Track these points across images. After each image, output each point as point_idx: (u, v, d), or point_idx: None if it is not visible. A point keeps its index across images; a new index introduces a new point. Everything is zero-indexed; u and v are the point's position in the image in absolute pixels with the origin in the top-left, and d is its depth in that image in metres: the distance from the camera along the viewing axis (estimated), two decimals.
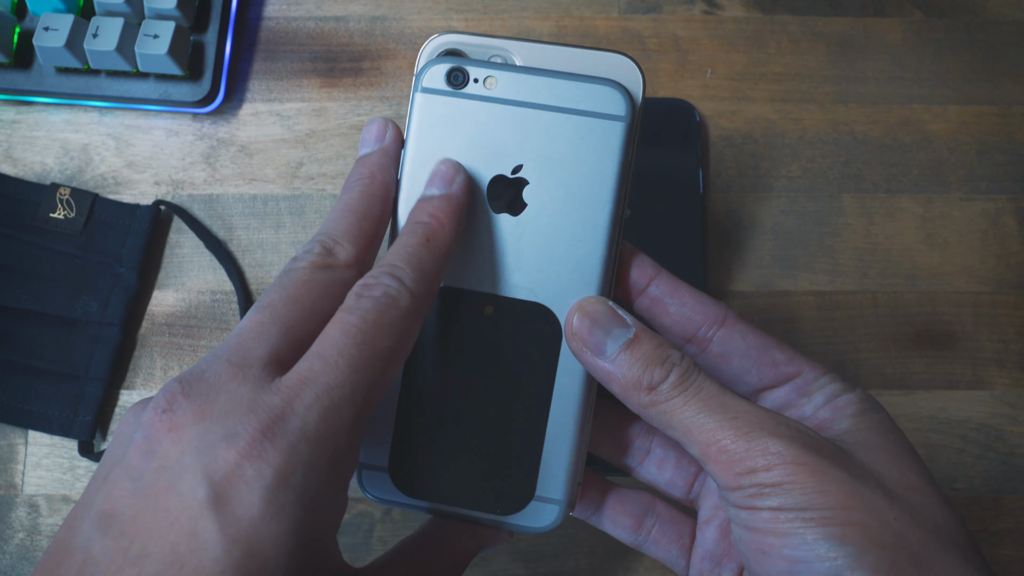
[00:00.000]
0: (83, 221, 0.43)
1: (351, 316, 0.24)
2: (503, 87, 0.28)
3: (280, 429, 0.21)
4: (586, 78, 0.28)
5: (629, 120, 0.28)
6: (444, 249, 0.26)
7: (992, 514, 0.41)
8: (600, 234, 0.28)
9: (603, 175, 0.28)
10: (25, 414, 0.41)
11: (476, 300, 0.29)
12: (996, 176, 0.45)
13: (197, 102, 0.44)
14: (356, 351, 0.23)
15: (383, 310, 0.24)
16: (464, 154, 0.28)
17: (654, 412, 0.26)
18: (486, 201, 0.28)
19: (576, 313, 0.27)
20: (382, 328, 0.23)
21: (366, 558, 0.41)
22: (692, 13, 0.47)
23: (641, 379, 0.26)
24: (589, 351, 0.27)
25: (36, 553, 0.40)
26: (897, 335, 0.43)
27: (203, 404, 0.22)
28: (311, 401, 0.22)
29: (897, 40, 0.47)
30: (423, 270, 0.25)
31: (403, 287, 0.24)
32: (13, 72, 0.44)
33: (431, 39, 0.30)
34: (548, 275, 0.28)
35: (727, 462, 0.24)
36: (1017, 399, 0.43)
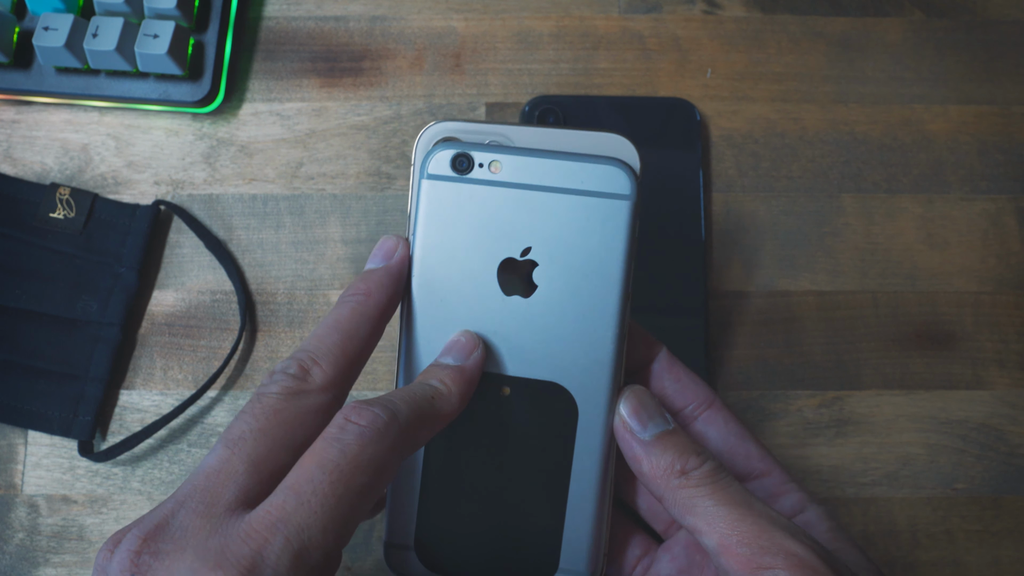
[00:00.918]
0: (83, 221, 0.43)
1: (331, 449, 0.23)
2: (508, 170, 0.29)
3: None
4: (590, 158, 0.29)
5: (634, 198, 0.29)
6: (443, 417, 0.27)
7: (992, 514, 0.41)
8: (611, 312, 0.29)
9: (611, 254, 0.29)
10: (25, 414, 0.41)
11: (493, 381, 0.29)
12: (996, 176, 0.45)
13: (197, 102, 0.44)
14: (330, 489, 0.23)
15: (365, 444, 0.23)
16: (473, 238, 0.29)
17: (681, 496, 0.27)
18: (497, 284, 0.29)
19: (625, 395, 0.29)
20: (360, 464, 0.23)
21: (366, 558, 0.41)
22: (692, 13, 0.47)
23: (675, 463, 0.27)
24: (630, 432, 0.28)
25: (36, 553, 0.40)
26: (897, 335, 0.43)
27: (171, 563, 0.22)
28: (281, 546, 0.22)
29: (897, 40, 0.47)
30: (420, 417, 0.25)
31: (395, 422, 0.24)
32: (13, 72, 0.44)
33: (427, 128, 0.31)
34: (562, 354, 0.29)
35: (745, 555, 0.25)
36: (1017, 399, 0.43)
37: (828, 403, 0.42)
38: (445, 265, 0.29)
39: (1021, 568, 0.41)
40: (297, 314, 0.43)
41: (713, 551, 0.26)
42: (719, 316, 0.43)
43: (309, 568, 0.22)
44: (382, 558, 0.41)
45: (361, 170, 0.45)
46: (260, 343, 0.43)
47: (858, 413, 0.42)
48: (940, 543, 0.41)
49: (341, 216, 0.44)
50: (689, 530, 0.27)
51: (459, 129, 0.31)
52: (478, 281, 0.29)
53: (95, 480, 0.41)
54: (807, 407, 0.42)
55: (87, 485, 0.41)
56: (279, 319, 0.43)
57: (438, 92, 0.45)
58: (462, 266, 0.29)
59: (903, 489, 0.42)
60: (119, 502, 0.41)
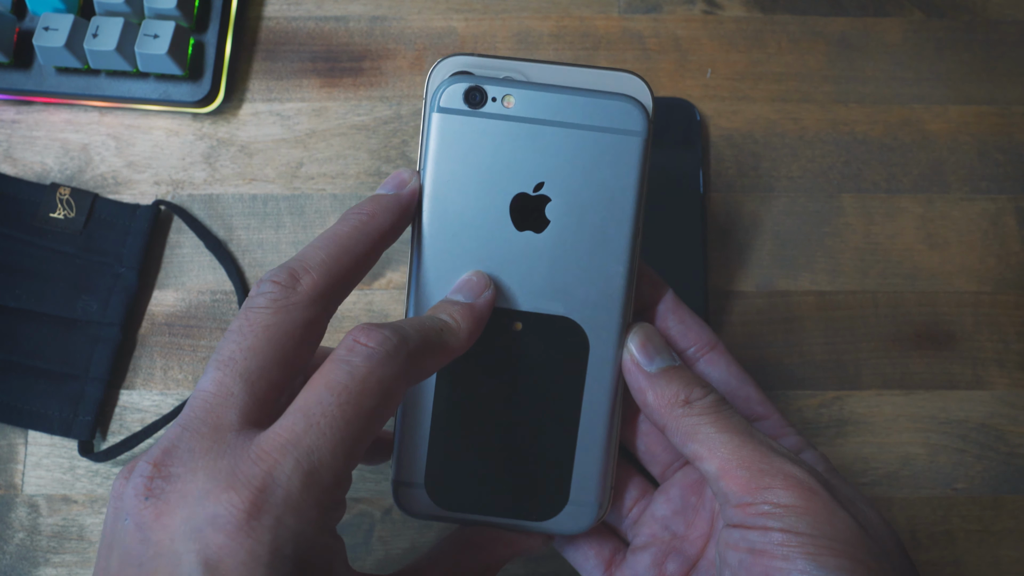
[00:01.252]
0: (83, 221, 0.43)
1: (339, 371, 0.23)
2: (521, 105, 0.29)
3: (265, 503, 0.21)
4: (604, 94, 0.29)
5: (646, 135, 0.29)
6: (451, 350, 0.27)
7: (992, 514, 0.41)
8: (622, 247, 0.29)
9: (623, 190, 0.29)
10: (25, 414, 0.41)
11: (504, 317, 0.29)
12: (996, 176, 0.45)
13: (197, 102, 0.44)
14: (339, 411, 0.23)
15: (373, 367, 0.23)
16: (485, 173, 0.29)
17: (684, 424, 0.27)
18: (509, 219, 0.29)
19: (633, 330, 0.29)
20: (369, 387, 0.23)
21: (366, 558, 0.41)
22: (692, 13, 0.47)
23: (679, 393, 0.28)
24: (637, 365, 0.29)
25: (36, 553, 0.40)
26: (897, 335, 0.43)
27: (183, 486, 0.22)
28: (292, 468, 0.22)
29: (897, 40, 0.47)
30: (429, 346, 0.25)
31: (404, 346, 0.24)
32: (13, 72, 0.44)
33: (440, 61, 0.30)
34: (573, 289, 0.29)
35: (745, 477, 0.25)
36: (1017, 399, 0.43)
37: (828, 403, 0.42)
38: (457, 199, 0.29)
39: (1021, 568, 0.41)
40: None
41: (712, 475, 0.26)
42: (719, 316, 0.43)
43: (320, 488, 0.22)
44: (382, 558, 0.41)
45: (361, 170, 0.45)
46: None
47: (858, 413, 0.42)
48: (940, 543, 0.41)
49: None
50: (689, 457, 0.27)
51: (472, 63, 0.30)
52: (490, 215, 0.29)
53: (95, 480, 0.41)
54: (807, 407, 0.42)
55: (87, 485, 0.41)
56: None
57: None
58: (474, 200, 0.29)
59: (903, 489, 0.42)
60: None
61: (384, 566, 0.41)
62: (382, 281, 0.44)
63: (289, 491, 0.22)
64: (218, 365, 0.24)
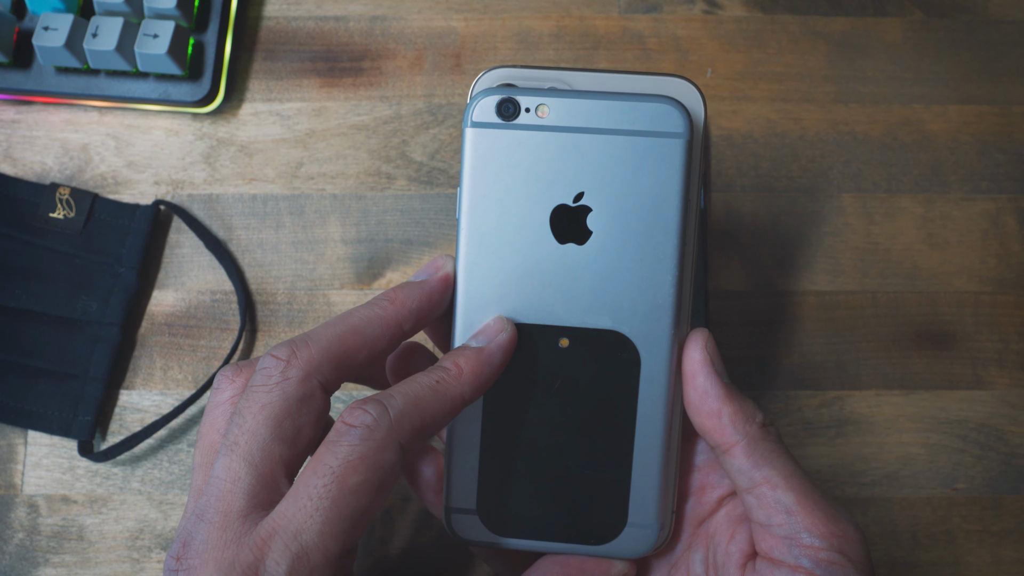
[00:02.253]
0: (83, 221, 0.43)
1: (325, 453, 0.24)
2: (556, 114, 0.28)
3: None
4: (639, 96, 0.28)
5: (688, 136, 0.28)
6: (450, 399, 0.26)
7: (992, 514, 0.41)
8: (670, 255, 0.28)
9: (667, 195, 0.28)
10: (25, 414, 0.41)
11: (550, 334, 0.28)
12: (996, 176, 0.45)
13: (197, 102, 0.44)
14: (324, 491, 0.23)
15: (355, 444, 0.24)
16: (523, 186, 0.28)
17: (762, 446, 0.27)
18: (550, 231, 0.28)
19: (702, 334, 0.28)
20: (352, 464, 0.23)
21: (366, 558, 0.41)
22: (692, 13, 0.47)
23: (755, 413, 0.27)
24: (716, 372, 0.28)
25: (36, 553, 0.40)
26: (897, 335, 0.43)
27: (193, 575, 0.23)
28: (280, 552, 0.23)
29: (897, 40, 0.47)
30: (418, 406, 0.25)
31: (384, 417, 0.24)
32: (13, 72, 0.44)
33: (483, 73, 0.30)
34: (621, 301, 0.28)
35: (822, 517, 0.26)
36: (1017, 399, 0.43)
37: (828, 403, 0.42)
38: (496, 215, 0.28)
39: (1021, 568, 0.41)
40: (297, 314, 0.43)
41: (788, 506, 0.26)
42: (719, 316, 0.43)
43: (309, 569, 0.23)
44: (382, 558, 0.41)
45: (361, 170, 0.45)
46: (260, 343, 0.43)
47: (858, 413, 0.42)
48: (940, 543, 0.41)
49: (341, 216, 0.44)
50: (760, 480, 0.26)
51: (514, 75, 0.30)
52: (531, 229, 0.28)
53: (95, 480, 0.41)
54: (807, 407, 0.42)
55: (87, 485, 0.41)
56: (279, 319, 0.43)
57: (438, 92, 0.45)
58: (513, 215, 0.28)
59: (903, 489, 0.42)
60: (119, 502, 0.41)
61: (384, 566, 0.41)
62: (381, 281, 0.44)
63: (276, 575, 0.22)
64: (226, 450, 0.25)
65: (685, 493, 0.30)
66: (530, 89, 0.28)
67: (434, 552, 0.41)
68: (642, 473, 0.29)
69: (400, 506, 0.41)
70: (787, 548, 0.26)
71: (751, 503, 0.27)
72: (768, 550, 0.26)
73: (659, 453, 0.29)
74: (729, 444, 0.27)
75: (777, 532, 0.26)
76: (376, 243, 0.44)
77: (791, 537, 0.26)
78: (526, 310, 0.28)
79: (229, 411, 0.27)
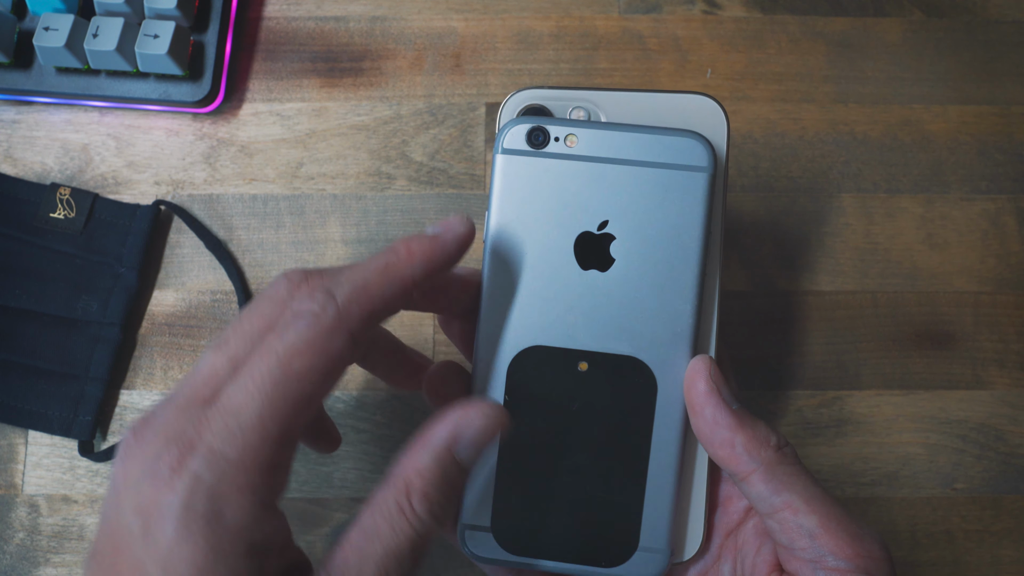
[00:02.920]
0: (83, 221, 0.43)
1: (274, 339, 0.24)
2: (584, 144, 0.29)
3: (187, 458, 0.23)
4: (666, 131, 0.29)
5: (712, 170, 0.29)
6: (399, 280, 0.26)
7: (992, 514, 0.41)
8: (690, 285, 0.29)
9: (689, 226, 0.29)
10: (25, 414, 0.41)
11: (569, 357, 0.29)
12: (996, 176, 0.45)
13: (197, 102, 0.44)
14: (267, 373, 0.23)
15: (301, 330, 0.24)
16: (549, 212, 0.29)
17: (780, 470, 0.27)
18: (574, 258, 0.29)
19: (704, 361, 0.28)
20: (297, 349, 0.24)
21: None
22: (692, 13, 0.47)
23: (769, 436, 0.27)
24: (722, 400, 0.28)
25: (36, 553, 0.40)
26: (897, 335, 0.43)
27: (146, 448, 0.23)
28: (218, 427, 0.23)
29: (897, 40, 0.47)
30: (365, 290, 0.25)
31: (330, 303, 0.24)
32: (13, 72, 0.44)
33: (511, 96, 0.31)
34: (640, 329, 0.29)
35: (846, 539, 0.25)
36: (1017, 399, 0.43)
37: (828, 403, 0.42)
38: (521, 239, 0.29)
39: (1021, 568, 0.41)
40: None
41: (811, 530, 0.26)
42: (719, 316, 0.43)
43: (244, 448, 0.23)
44: None
45: (361, 170, 0.45)
46: None
47: (858, 413, 0.42)
48: (940, 543, 0.41)
49: (341, 216, 0.44)
50: (780, 506, 0.26)
51: (542, 96, 0.31)
52: (555, 255, 0.29)
53: (95, 480, 0.41)
54: (807, 407, 0.42)
55: (87, 485, 0.41)
56: None
57: (438, 92, 0.45)
58: (539, 240, 0.29)
59: (903, 489, 0.42)
60: None
61: None
62: None
63: (211, 448, 0.23)
64: (214, 347, 0.25)
65: (715, 503, 0.31)
66: (560, 119, 0.29)
67: (434, 552, 0.41)
68: (655, 498, 0.29)
69: None
70: (812, 571, 0.26)
71: (773, 527, 0.27)
72: (794, 572, 0.26)
73: (672, 479, 0.29)
74: (746, 472, 0.27)
75: (801, 556, 0.26)
76: (376, 243, 0.44)
77: (816, 560, 0.26)
78: (547, 333, 0.29)
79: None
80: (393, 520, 0.25)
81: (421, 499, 0.25)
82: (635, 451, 0.29)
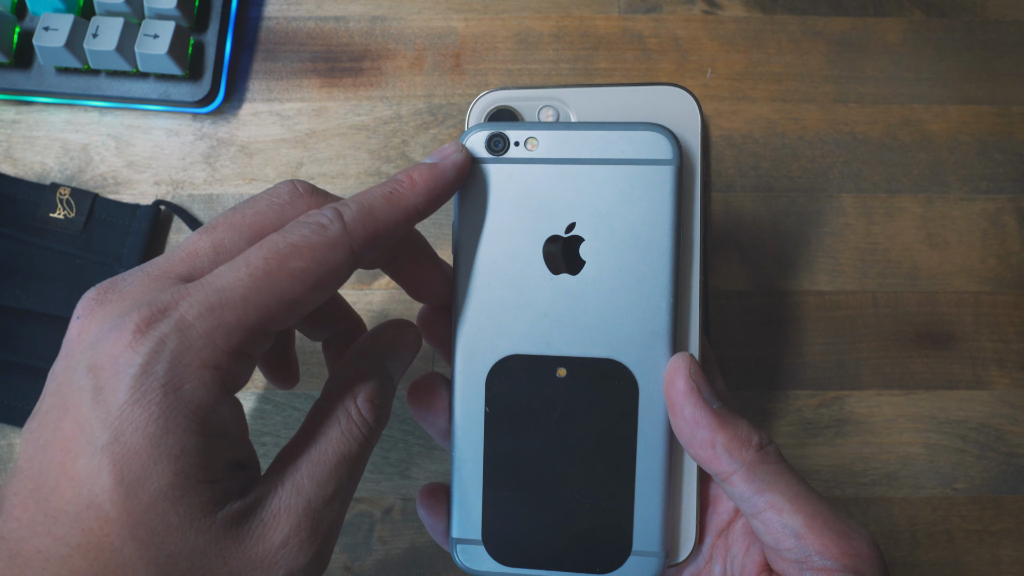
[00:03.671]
0: (83, 221, 0.43)
1: (276, 236, 0.24)
2: (545, 146, 0.28)
3: (156, 322, 0.22)
4: (628, 125, 0.28)
5: (678, 162, 0.28)
6: (403, 208, 0.26)
7: (992, 514, 0.41)
8: (663, 282, 0.28)
9: (659, 222, 0.28)
10: (25, 414, 0.41)
11: (547, 364, 0.29)
12: (996, 176, 0.45)
13: (197, 102, 0.44)
14: (263, 263, 0.23)
15: (306, 235, 0.24)
16: (515, 218, 0.28)
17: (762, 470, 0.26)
18: (544, 263, 0.28)
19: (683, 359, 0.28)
20: (299, 249, 0.24)
21: (366, 558, 0.41)
22: (692, 13, 0.47)
23: (751, 435, 0.27)
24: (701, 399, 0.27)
25: None
26: (897, 335, 0.43)
27: (108, 309, 0.23)
28: (198, 299, 0.22)
29: (897, 40, 0.47)
30: (370, 215, 0.25)
31: (338, 219, 0.25)
32: (13, 72, 0.44)
33: (478, 99, 0.30)
34: (617, 330, 0.28)
35: (832, 538, 0.25)
36: (1017, 399, 0.43)
37: (828, 403, 0.42)
38: (489, 248, 0.29)
39: (1021, 568, 0.41)
40: None
41: (797, 530, 0.25)
42: (719, 316, 0.43)
43: (218, 324, 0.22)
44: (382, 558, 0.41)
45: (361, 170, 0.45)
46: None
47: (858, 413, 0.42)
48: (940, 543, 0.41)
49: None
50: (764, 506, 0.26)
51: (510, 97, 0.30)
52: (524, 261, 0.28)
53: None
54: (807, 407, 0.42)
55: None
56: None
57: (438, 92, 0.45)
58: (506, 247, 0.29)
59: (903, 489, 0.42)
60: None
61: (384, 566, 0.41)
62: (382, 282, 0.44)
63: (183, 317, 0.22)
64: (202, 231, 0.25)
65: (706, 502, 0.30)
66: (519, 123, 0.29)
67: (434, 552, 0.41)
68: (645, 501, 0.29)
69: (400, 506, 0.41)
70: (798, 571, 0.25)
71: (759, 528, 0.26)
72: (781, 572, 0.26)
73: (661, 480, 0.29)
74: (727, 473, 0.27)
75: (788, 556, 0.26)
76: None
77: (802, 561, 0.25)
78: (523, 341, 0.29)
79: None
80: (342, 426, 0.25)
81: (368, 405, 0.25)
82: (621, 454, 0.29)
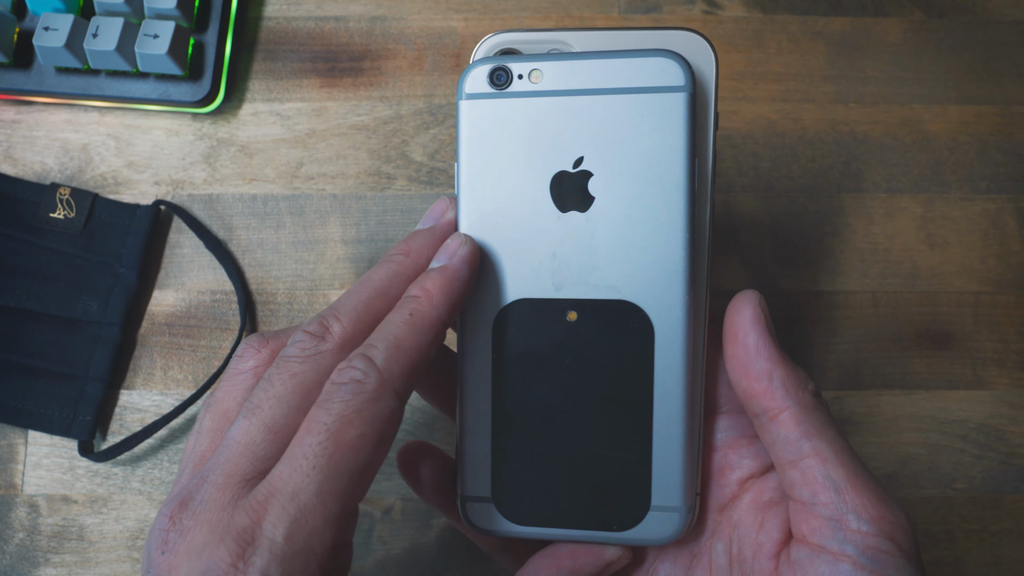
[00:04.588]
0: (83, 221, 0.43)
1: (320, 412, 0.23)
2: (550, 78, 0.26)
3: (250, 555, 0.21)
4: (636, 52, 0.26)
5: (691, 89, 0.26)
6: (429, 325, 0.25)
7: (992, 514, 0.41)
8: (679, 216, 0.26)
9: (672, 152, 0.26)
10: (25, 414, 0.41)
11: (556, 308, 0.27)
12: (996, 176, 0.45)
13: (197, 102, 0.44)
14: (320, 449, 0.22)
15: (348, 399, 0.23)
16: (520, 155, 0.27)
17: (814, 415, 0.25)
18: (551, 200, 0.27)
19: (752, 294, 0.27)
20: (347, 419, 0.23)
21: (366, 558, 0.41)
22: (692, 13, 0.47)
23: (807, 381, 0.26)
24: (770, 334, 0.26)
25: (36, 553, 0.40)
26: (897, 335, 0.43)
27: (191, 539, 0.22)
28: (277, 515, 0.22)
29: (897, 40, 0.47)
30: (400, 347, 0.24)
31: (371, 368, 0.24)
32: (13, 72, 0.44)
33: (484, 40, 0.28)
34: (630, 269, 0.26)
35: (872, 499, 0.24)
36: (1017, 399, 0.43)
37: (828, 403, 0.42)
38: (494, 187, 0.27)
39: (1021, 568, 0.41)
40: (297, 314, 0.43)
41: (838, 483, 0.24)
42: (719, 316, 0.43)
43: (308, 532, 0.22)
44: (383, 558, 0.41)
45: (361, 170, 0.45)
46: None
47: (858, 413, 0.42)
48: (940, 543, 0.41)
49: (341, 216, 0.44)
50: (809, 452, 0.24)
51: (516, 39, 0.28)
52: (531, 200, 0.27)
53: (95, 480, 0.41)
54: None
55: (87, 485, 0.41)
56: (279, 319, 0.43)
57: (438, 92, 0.45)
58: (512, 186, 0.27)
59: (903, 489, 0.42)
60: (119, 502, 0.41)
61: (384, 566, 0.41)
62: None
63: (273, 540, 0.21)
64: (246, 413, 0.24)
65: (707, 475, 0.28)
66: (522, 56, 0.27)
67: (434, 552, 0.41)
68: (664, 452, 0.27)
69: (400, 506, 0.41)
70: (831, 531, 0.24)
71: (794, 478, 0.25)
72: (808, 533, 0.24)
73: (680, 429, 0.27)
74: (778, 410, 0.25)
75: (822, 512, 0.24)
76: (376, 243, 0.44)
77: (837, 519, 0.24)
78: (530, 284, 0.27)
79: (250, 381, 0.26)
80: None
81: None
82: (637, 402, 0.27)
